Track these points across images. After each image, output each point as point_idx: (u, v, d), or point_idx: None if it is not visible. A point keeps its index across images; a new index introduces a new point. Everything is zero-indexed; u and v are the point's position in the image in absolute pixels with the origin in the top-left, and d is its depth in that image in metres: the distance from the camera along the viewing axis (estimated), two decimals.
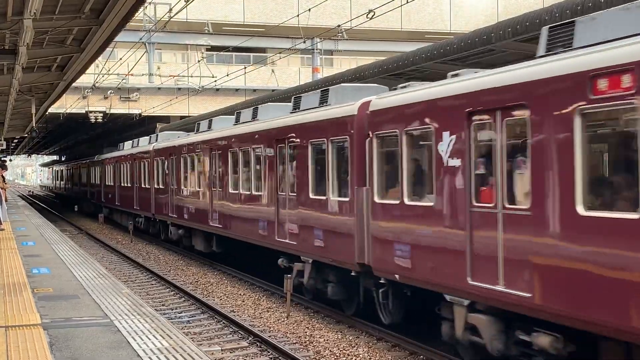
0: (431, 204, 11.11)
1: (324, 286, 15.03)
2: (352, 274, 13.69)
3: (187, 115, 44.17)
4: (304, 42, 32.55)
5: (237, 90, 45.67)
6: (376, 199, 12.72)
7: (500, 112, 9.63)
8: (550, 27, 9.67)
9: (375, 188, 12.80)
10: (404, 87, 12.71)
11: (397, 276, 12.03)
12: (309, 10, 28.83)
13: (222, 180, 21.06)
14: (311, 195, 15.17)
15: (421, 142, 11.81)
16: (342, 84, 16.25)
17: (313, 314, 15.67)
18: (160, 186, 28.53)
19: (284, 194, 16.56)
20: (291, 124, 16.21)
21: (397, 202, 12.05)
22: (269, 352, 12.66)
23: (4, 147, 44.34)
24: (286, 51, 35.35)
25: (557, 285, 8.67)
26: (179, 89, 43.81)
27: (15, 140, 66.12)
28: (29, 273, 15.38)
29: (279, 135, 16.76)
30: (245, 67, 37.92)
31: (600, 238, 8.11)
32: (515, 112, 9.39)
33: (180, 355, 8.75)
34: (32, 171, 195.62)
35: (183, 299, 18.05)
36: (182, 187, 25.33)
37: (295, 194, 15.93)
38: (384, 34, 48.99)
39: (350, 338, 13.49)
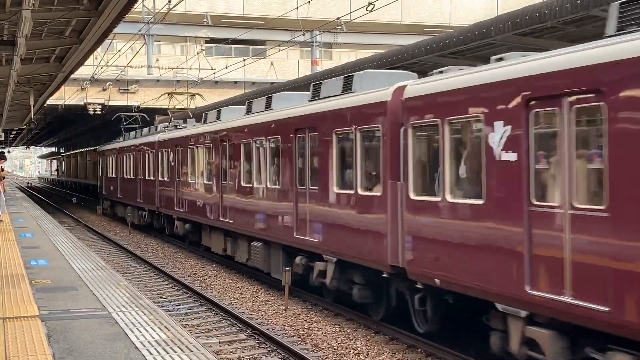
0: (480, 202, 9.88)
1: (349, 288, 13.96)
2: (384, 275, 12.59)
3: (186, 108, 44.11)
4: (303, 34, 32.50)
5: (235, 82, 45.63)
6: (412, 195, 11.54)
7: (569, 98, 8.39)
8: (621, 4, 8.50)
9: (411, 183, 11.61)
10: (440, 72, 11.64)
11: (437, 281, 10.92)
12: (309, 2, 28.73)
13: (233, 172, 19.84)
14: (335, 190, 13.99)
15: (467, 133, 10.58)
16: (367, 70, 15.01)
17: (311, 307, 15.67)
18: (166, 179, 27.28)
19: (303, 187, 15.37)
20: (312, 112, 14.94)
21: (438, 199, 10.85)
22: (267, 344, 12.66)
23: (3, 138, 44.27)
24: (285, 44, 35.28)
25: None
26: (178, 81, 43.75)
27: (14, 132, 66.13)
28: (27, 265, 15.38)
29: (298, 124, 15.59)
30: (244, 60, 37.88)
31: None
32: (588, 98, 8.15)
33: (178, 347, 8.74)
34: (31, 163, 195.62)
35: (181, 291, 18.05)
36: (189, 180, 24.07)
37: (316, 188, 14.69)
38: (383, 27, 48.94)
39: (348, 331, 13.49)
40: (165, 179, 27.25)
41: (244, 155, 19.17)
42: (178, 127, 28.42)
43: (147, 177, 30.41)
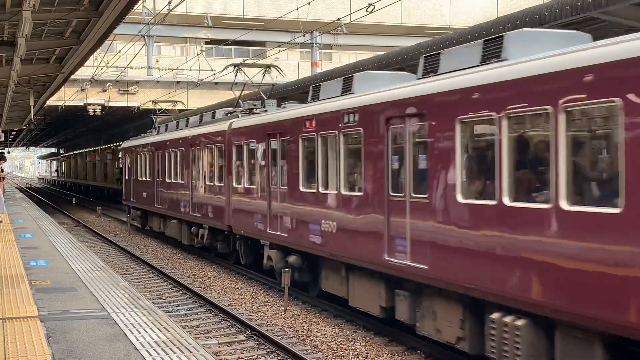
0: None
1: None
2: None
3: (186, 108, 44.16)
4: (303, 35, 32.54)
5: (235, 84, 45.59)
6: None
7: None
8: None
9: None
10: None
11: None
12: (309, 3, 28.78)
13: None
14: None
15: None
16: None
17: (310, 309, 15.67)
18: (248, 184, 18.53)
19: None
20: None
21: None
22: (266, 346, 12.67)
23: (2, 139, 44.28)
24: (285, 45, 35.30)
25: None
26: (178, 82, 43.79)
27: (14, 133, 66.13)
28: (27, 265, 15.38)
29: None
30: (244, 61, 37.88)
31: None
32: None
33: (178, 348, 8.74)
34: (31, 163, 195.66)
35: (180, 292, 18.05)
36: (305, 188, 15.20)
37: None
38: (383, 29, 48.96)
39: (348, 332, 13.49)
40: (248, 184, 18.58)
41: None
42: (254, 110, 20.01)
43: (208, 182, 21.83)
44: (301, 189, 15.12)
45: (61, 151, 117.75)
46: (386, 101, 11.95)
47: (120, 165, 65.62)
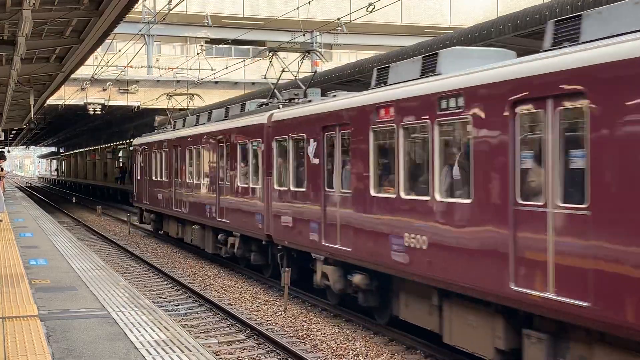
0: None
1: None
2: None
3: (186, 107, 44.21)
4: (304, 35, 32.53)
5: (235, 83, 45.66)
6: None
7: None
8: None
9: None
10: None
11: None
12: (309, 3, 28.77)
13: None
14: None
15: None
16: None
17: (310, 308, 15.66)
18: (294, 186, 15.78)
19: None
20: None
21: None
22: (266, 345, 12.67)
23: (2, 138, 44.29)
24: (285, 44, 35.30)
25: None
26: (178, 81, 43.79)
27: (14, 132, 66.13)
28: (27, 264, 15.38)
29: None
30: (244, 60, 37.91)
31: None
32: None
33: (178, 347, 8.74)
34: (30, 162, 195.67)
35: (180, 291, 18.05)
36: (376, 193, 12.45)
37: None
38: (383, 28, 48.96)
39: (348, 332, 13.49)
40: (294, 186, 15.76)
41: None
42: (296, 100, 17.72)
43: (241, 184, 18.92)
44: (372, 193, 12.39)
45: (61, 150, 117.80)
46: (514, 78, 9.15)
47: (120, 165, 65.79)
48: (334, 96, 15.05)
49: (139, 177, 31.68)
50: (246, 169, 18.65)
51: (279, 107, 17.49)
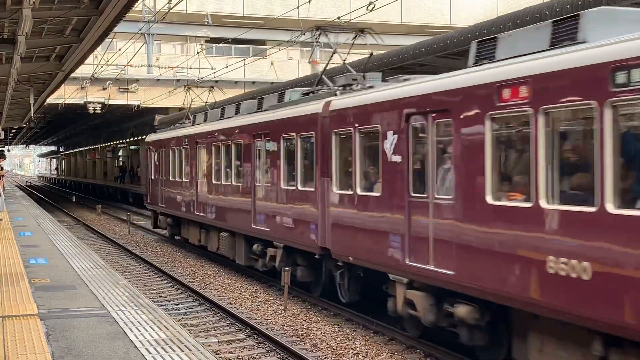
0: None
1: None
2: None
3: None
4: (304, 34, 32.49)
5: (236, 82, 45.65)
6: None
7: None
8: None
9: None
10: None
11: None
12: (309, 2, 28.74)
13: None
14: None
15: None
16: None
17: (310, 307, 15.66)
18: (362, 189, 13.11)
19: None
20: None
21: None
22: (265, 344, 12.66)
23: (2, 137, 44.30)
24: (285, 43, 35.28)
25: None
26: (178, 80, 43.78)
27: (14, 131, 66.13)
28: (27, 263, 15.38)
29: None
30: (244, 59, 37.88)
31: None
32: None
33: (177, 346, 8.74)
34: (30, 161, 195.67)
35: (180, 290, 18.04)
36: (495, 201, 9.61)
37: None
38: (383, 27, 48.90)
39: (347, 331, 13.49)
40: (362, 190, 13.12)
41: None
42: (353, 87, 15.13)
43: (286, 186, 16.17)
44: (489, 200, 9.52)
45: (61, 149, 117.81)
46: None
47: (120, 164, 65.81)
48: (406, 80, 12.62)
49: (153, 177, 28.65)
50: (293, 169, 15.87)
51: (335, 94, 14.90)
